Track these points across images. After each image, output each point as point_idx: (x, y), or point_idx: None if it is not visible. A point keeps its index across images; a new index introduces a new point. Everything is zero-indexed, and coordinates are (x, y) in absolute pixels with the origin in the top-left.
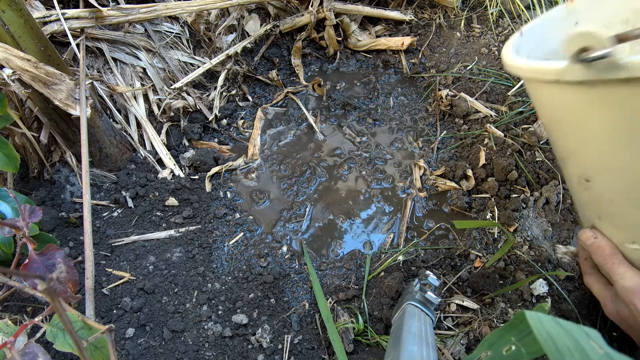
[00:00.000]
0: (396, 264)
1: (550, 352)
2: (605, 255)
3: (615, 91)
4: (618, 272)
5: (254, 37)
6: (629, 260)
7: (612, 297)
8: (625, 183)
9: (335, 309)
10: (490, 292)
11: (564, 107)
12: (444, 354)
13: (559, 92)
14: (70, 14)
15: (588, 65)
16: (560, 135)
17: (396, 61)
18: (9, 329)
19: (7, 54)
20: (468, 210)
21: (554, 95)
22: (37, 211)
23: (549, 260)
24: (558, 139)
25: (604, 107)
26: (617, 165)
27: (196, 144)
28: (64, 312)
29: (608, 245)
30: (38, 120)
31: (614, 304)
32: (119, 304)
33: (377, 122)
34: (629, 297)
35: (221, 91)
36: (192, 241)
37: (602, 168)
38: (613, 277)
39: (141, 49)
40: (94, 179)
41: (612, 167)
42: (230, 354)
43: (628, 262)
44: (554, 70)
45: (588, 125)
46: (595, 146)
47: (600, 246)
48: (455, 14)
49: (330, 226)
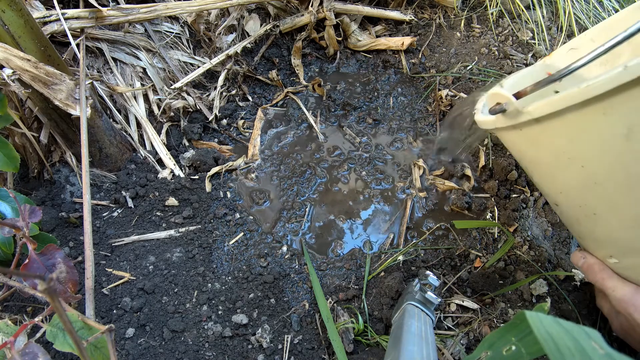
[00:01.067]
0: (396, 264)
1: (551, 352)
2: (595, 272)
3: (534, 128)
4: (609, 285)
5: (254, 37)
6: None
7: (615, 314)
8: (579, 201)
9: (335, 309)
10: (490, 292)
11: (515, 146)
12: (444, 354)
13: (504, 136)
14: (70, 14)
15: (505, 115)
16: (525, 167)
17: (396, 61)
18: (9, 329)
19: (7, 54)
20: (468, 210)
21: (504, 137)
22: (37, 211)
23: (549, 260)
24: (527, 170)
25: (532, 141)
26: (567, 188)
27: (196, 144)
28: (64, 312)
29: (596, 262)
30: (38, 120)
31: (617, 319)
32: (119, 304)
33: (377, 122)
34: (623, 307)
35: (221, 91)
36: (192, 241)
37: (557, 192)
38: (606, 292)
39: (141, 49)
40: (94, 179)
41: (564, 190)
42: (230, 354)
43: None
44: (491, 121)
45: (532, 157)
46: (545, 173)
47: (590, 264)
48: (455, 14)
49: (330, 226)
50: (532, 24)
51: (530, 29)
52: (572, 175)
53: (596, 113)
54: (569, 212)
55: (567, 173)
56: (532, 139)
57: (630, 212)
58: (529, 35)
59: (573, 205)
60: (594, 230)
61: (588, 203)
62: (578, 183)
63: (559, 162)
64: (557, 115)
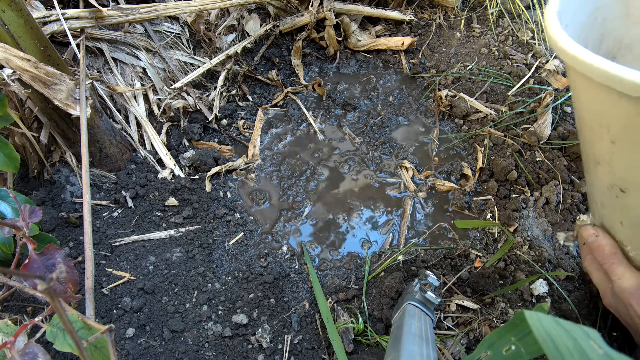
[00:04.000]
0: (396, 264)
1: (550, 351)
2: (605, 254)
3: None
4: (617, 272)
5: (254, 37)
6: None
7: (612, 291)
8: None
9: (335, 309)
10: (490, 292)
11: (622, 118)
12: (444, 354)
13: (624, 103)
14: (70, 14)
15: None
16: (604, 143)
17: (396, 61)
18: (9, 329)
19: (7, 54)
20: (468, 210)
21: (614, 103)
22: (37, 211)
23: (549, 260)
24: (598, 145)
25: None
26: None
27: (196, 144)
28: (64, 312)
29: (609, 244)
30: (38, 120)
31: (613, 299)
32: (119, 304)
33: (377, 122)
34: (626, 297)
35: (221, 91)
36: (192, 241)
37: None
38: (612, 276)
39: (141, 49)
40: (94, 179)
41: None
42: (230, 354)
43: (628, 262)
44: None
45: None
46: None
47: (601, 245)
48: (455, 14)
49: (330, 226)
50: (532, 24)
51: (530, 29)
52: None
53: None
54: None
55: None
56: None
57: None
58: (529, 35)
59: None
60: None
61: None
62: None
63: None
64: None
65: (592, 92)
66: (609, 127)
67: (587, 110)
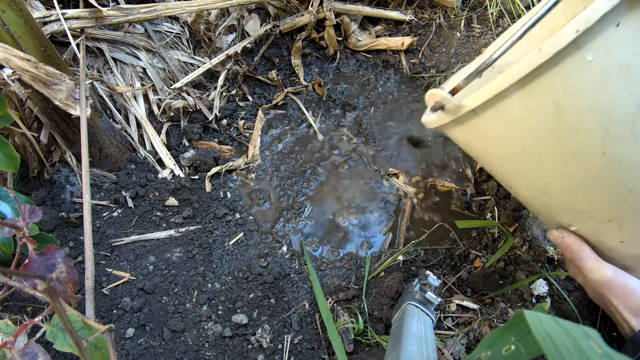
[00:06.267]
0: (396, 264)
1: (549, 351)
2: (573, 251)
3: (474, 120)
4: (586, 266)
5: (254, 37)
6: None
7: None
8: (529, 177)
9: (335, 309)
10: (490, 292)
11: (461, 140)
12: (444, 354)
13: (450, 132)
14: (70, 14)
15: (445, 112)
16: (477, 158)
17: (396, 61)
18: (9, 329)
19: (7, 54)
20: (468, 210)
21: (451, 134)
22: (37, 211)
23: (549, 260)
24: (479, 161)
25: (474, 132)
26: (517, 168)
27: (196, 144)
28: (64, 312)
29: (574, 242)
30: (38, 120)
31: (593, 293)
32: (119, 304)
33: (377, 122)
34: (600, 290)
35: (221, 91)
36: (192, 241)
37: (508, 175)
38: (583, 271)
39: (141, 49)
40: (94, 179)
41: (515, 170)
42: (230, 354)
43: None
44: (434, 119)
45: (478, 147)
46: (492, 160)
47: (568, 244)
48: (455, 14)
49: (330, 226)
50: None
51: None
52: (517, 156)
53: (523, 96)
54: (523, 192)
55: (512, 155)
56: (474, 130)
57: (574, 178)
58: None
59: (524, 182)
60: (548, 202)
61: (537, 177)
62: (524, 161)
63: (502, 146)
64: (490, 104)
65: (454, 135)
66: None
67: (468, 149)
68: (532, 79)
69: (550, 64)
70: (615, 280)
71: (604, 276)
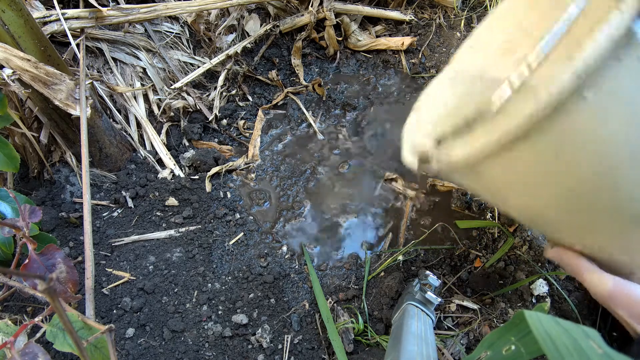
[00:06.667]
0: (396, 264)
1: (549, 351)
2: (573, 268)
3: (464, 170)
4: (587, 280)
5: (254, 37)
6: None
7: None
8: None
9: (335, 309)
10: (490, 292)
11: (456, 180)
12: (444, 354)
13: (446, 175)
14: (70, 14)
15: (432, 162)
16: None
17: (396, 61)
18: (9, 329)
19: (7, 54)
20: (468, 210)
21: (448, 177)
22: (37, 211)
23: (549, 260)
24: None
25: (471, 177)
26: (520, 208)
27: (196, 144)
28: (64, 312)
29: (572, 257)
30: (38, 120)
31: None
32: (119, 304)
33: (377, 122)
34: (605, 302)
35: (221, 91)
36: (192, 241)
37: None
38: (585, 285)
39: (141, 49)
40: (94, 179)
41: (510, 209)
42: (230, 354)
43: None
44: (422, 167)
45: (473, 188)
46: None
47: (565, 261)
48: (455, 14)
49: (331, 226)
50: None
51: None
52: (516, 195)
53: (522, 149)
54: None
55: (509, 196)
56: (466, 174)
57: (580, 216)
58: None
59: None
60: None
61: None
62: (524, 201)
63: (498, 189)
64: (482, 160)
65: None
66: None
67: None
68: (528, 131)
69: (546, 120)
70: (618, 292)
71: (604, 290)
